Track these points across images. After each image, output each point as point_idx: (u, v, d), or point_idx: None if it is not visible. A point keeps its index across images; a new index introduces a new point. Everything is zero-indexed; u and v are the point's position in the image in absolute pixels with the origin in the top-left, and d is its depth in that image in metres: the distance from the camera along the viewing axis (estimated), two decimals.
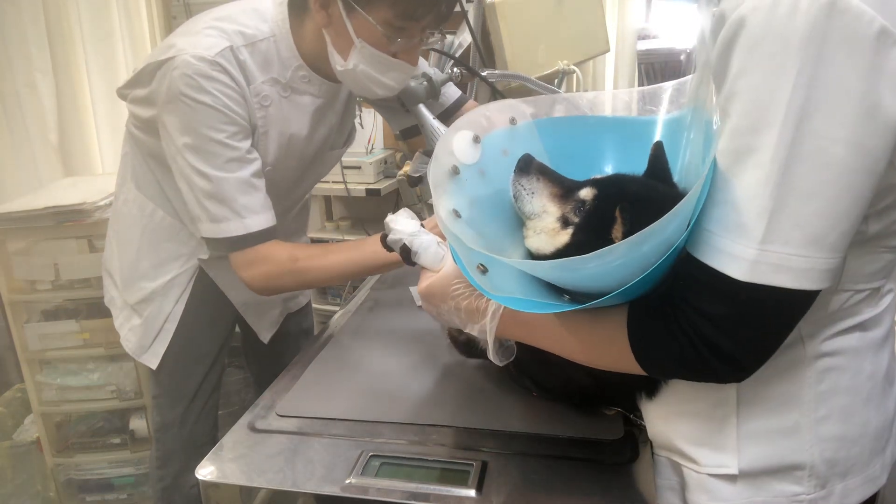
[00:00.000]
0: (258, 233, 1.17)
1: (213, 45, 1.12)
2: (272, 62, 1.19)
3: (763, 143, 0.58)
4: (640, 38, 2.75)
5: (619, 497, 0.79)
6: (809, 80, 0.56)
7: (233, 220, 1.16)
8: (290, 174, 1.34)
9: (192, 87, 1.09)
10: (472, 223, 0.75)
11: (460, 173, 0.77)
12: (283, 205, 1.39)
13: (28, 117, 2.11)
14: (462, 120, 0.81)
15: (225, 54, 1.12)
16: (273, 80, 1.19)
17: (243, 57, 1.14)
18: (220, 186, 1.14)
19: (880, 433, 0.75)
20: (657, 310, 0.67)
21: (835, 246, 0.59)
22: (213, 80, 1.10)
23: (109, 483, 1.99)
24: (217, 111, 1.11)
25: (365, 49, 1.12)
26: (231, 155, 1.14)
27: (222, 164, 1.13)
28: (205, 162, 1.13)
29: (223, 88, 1.11)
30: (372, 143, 2.27)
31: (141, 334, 1.40)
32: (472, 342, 1.03)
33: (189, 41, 1.13)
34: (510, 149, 0.82)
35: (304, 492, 0.84)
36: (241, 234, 1.16)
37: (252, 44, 1.16)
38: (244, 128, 1.16)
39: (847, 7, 0.55)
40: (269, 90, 1.19)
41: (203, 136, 1.12)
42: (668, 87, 0.84)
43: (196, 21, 1.20)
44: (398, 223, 0.99)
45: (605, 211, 0.72)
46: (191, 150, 1.13)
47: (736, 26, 0.59)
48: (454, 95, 1.47)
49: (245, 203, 1.16)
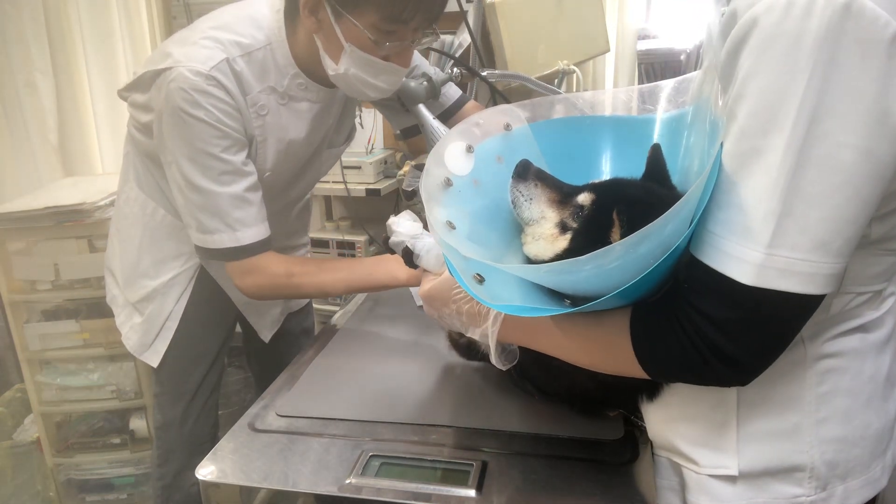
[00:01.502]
0: (249, 245, 1.19)
1: (209, 57, 1.12)
2: (269, 71, 1.19)
3: (772, 146, 0.58)
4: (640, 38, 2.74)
5: (619, 497, 0.79)
6: (821, 84, 0.55)
7: (224, 233, 1.17)
8: (288, 176, 1.34)
9: (188, 102, 1.10)
10: (468, 233, 0.75)
11: (453, 185, 0.77)
12: (281, 203, 1.40)
13: (28, 117, 2.11)
14: (454, 131, 0.81)
15: (221, 67, 1.12)
16: (270, 88, 1.20)
17: (239, 68, 1.14)
18: (213, 200, 1.15)
19: (881, 435, 0.75)
20: (661, 313, 0.67)
21: (840, 251, 0.59)
22: (207, 95, 1.10)
23: (109, 483, 1.99)
24: (211, 126, 1.12)
25: (355, 53, 1.12)
26: (225, 168, 1.15)
27: (216, 176, 1.14)
28: (199, 175, 1.14)
29: (217, 103, 1.12)
30: (372, 143, 2.27)
31: (142, 332, 1.40)
32: (473, 345, 1.03)
33: (185, 52, 1.13)
34: (505, 155, 0.82)
35: (304, 492, 0.84)
36: (231, 246, 1.18)
37: (248, 54, 1.16)
38: (238, 140, 1.16)
39: (862, 10, 0.54)
40: (266, 99, 1.20)
41: (197, 149, 1.13)
42: (666, 85, 0.84)
43: (193, 30, 1.20)
44: (400, 225, 0.99)
45: (603, 215, 0.71)
46: (185, 162, 1.14)
47: (748, 26, 0.59)
48: (454, 95, 1.47)
49: (238, 217, 1.17)
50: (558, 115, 0.87)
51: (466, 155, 0.80)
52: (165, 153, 1.17)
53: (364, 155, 2.24)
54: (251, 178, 1.19)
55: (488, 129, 0.83)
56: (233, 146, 1.15)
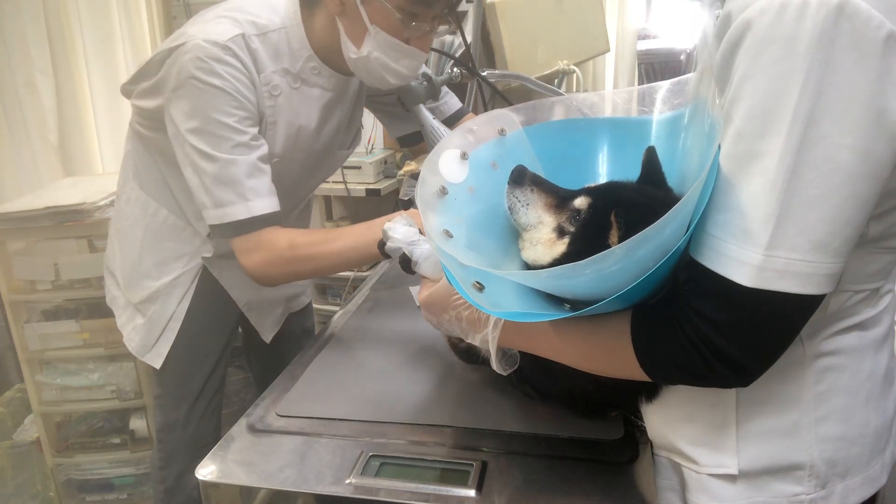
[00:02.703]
0: (262, 217, 1.16)
1: (226, 31, 1.13)
2: (283, 53, 1.20)
3: (769, 149, 0.58)
4: (640, 38, 2.75)
5: (619, 497, 0.79)
6: (817, 86, 0.56)
7: (238, 204, 1.15)
8: (297, 168, 1.33)
9: (204, 70, 1.09)
10: (465, 241, 0.75)
11: (449, 193, 0.77)
12: (287, 203, 1.39)
13: (28, 117, 2.11)
14: (447, 139, 0.81)
15: (237, 41, 1.13)
16: (284, 70, 1.20)
17: (255, 46, 1.15)
18: (227, 169, 1.13)
19: (880, 433, 0.75)
20: (661, 316, 0.67)
21: (839, 251, 0.59)
22: (224, 64, 1.11)
23: (109, 483, 1.99)
24: (228, 94, 1.11)
25: (379, 35, 1.13)
26: (239, 139, 1.14)
27: (230, 147, 1.13)
28: (212, 146, 1.12)
29: (234, 73, 1.12)
30: (372, 143, 2.27)
31: (144, 334, 1.40)
32: (473, 349, 1.03)
33: (200, 28, 1.14)
34: (500, 161, 0.82)
35: (303, 492, 0.83)
36: (244, 217, 1.15)
37: (264, 34, 1.17)
38: (253, 114, 1.16)
39: (856, 12, 0.54)
40: (280, 80, 1.20)
41: (212, 119, 1.12)
42: (660, 86, 0.84)
43: (206, 12, 1.21)
44: (396, 231, 0.98)
45: (600, 218, 0.71)
46: (198, 134, 1.12)
47: (742, 29, 0.59)
48: (454, 107, 1.47)
49: (252, 185, 1.15)
50: (557, 116, 0.87)
51: (461, 162, 0.80)
52: (176, 131, 1.15)
53: (364, 155, 2.25)
54: (263, 150, 1.18)
55: (482, 135, 0.83)
56: (248, 118, 1.15)
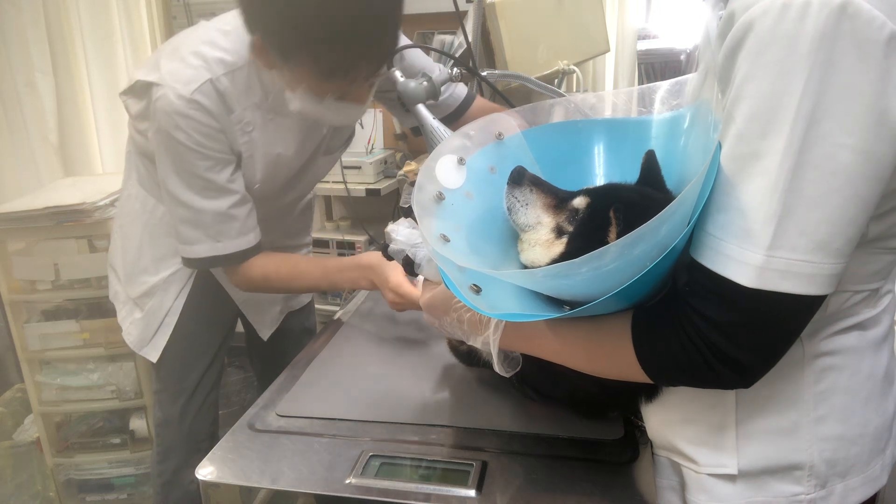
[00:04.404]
0: (232, 255, 1.23)
1: (193, 78, 1.12)
2: (254, 87, 1.19)
3: (770, 149, 0.58)
4: (640, 38, 2.75)
5: (619, 497, 0.79)
6: (818, 86, 0.56)
7: (205, 243, 1.21)
8: (280, 184, 1.35)
9: (171, 126, 1.12)
10: (463, 246, 0.75)
11: (446, 198, 0.77)
12: (275, 206, 1.40)
13: (28, 117, 2.11)
14: (444, 144, 0.81)
15: (203, 89, 1.13)
16: (255, 105, 1.20)
17: (223, 87, 1.15)
18: (196, 214, 1.19)
19: (880, 433, 0.75)
20: (662, 317, 0.67)
21: (840, 251, 0.59)
22: (188, 119, 1.12)
23: (109, 483, 1.99)
24: (190, 149, 1.14)
25: (305, 96, 1.11)
26: (207, 185, 1.18)
27: (199, 191, 1.18)
28: (183, 189, 1.18)
29: (198, 126, 1.13)
30: (372, 143, 2.27)
31: (142, 328, 1.41)
32: (474, 352, 1.03)
33: (172, 69, 1.14)
34: (498, 164, 0.82)
35: (303, 492, 0.84)
36: (210, 255, 1.22)
37: (232, 72, 1.16)
38: (221, 160, 1.18)
39: (858, 12, 0.54)
40: (252, 115, 1.20)
41: (181, 168, 1.17)
42: (659, 87, 0.84)
43: (184, 41, 1.20)
44: (399, 233, 0.98)
45: (599, 217, 0.71)
46: (171, 177, 1.18)
47: (744, 29, 0.59)
48: (461, 95, 1.46)
49: (220, 230, 1.21)
50: (557, 118, 0.87)
51: (458, 167, 0.80)
52: (157, 165, 1.20)
53: (364, 155, 2.24)
54: (236, 196, 1.21)
55: (480, 140, 0.83)
56: (215, 166, 1.17)
